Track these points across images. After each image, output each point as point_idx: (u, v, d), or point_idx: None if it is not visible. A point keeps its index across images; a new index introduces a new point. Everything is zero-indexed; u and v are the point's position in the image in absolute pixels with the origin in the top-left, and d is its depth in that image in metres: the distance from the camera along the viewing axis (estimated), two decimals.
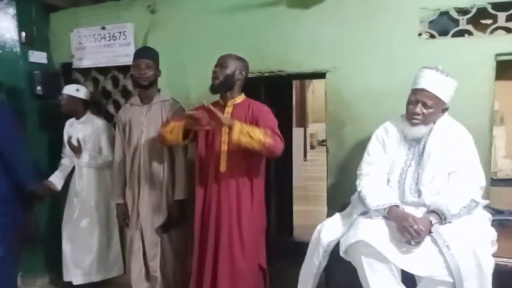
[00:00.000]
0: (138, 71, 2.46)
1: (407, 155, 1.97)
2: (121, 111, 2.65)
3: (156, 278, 2.52)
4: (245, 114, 2.25)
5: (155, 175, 2.51)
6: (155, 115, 2.52)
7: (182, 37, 2.89)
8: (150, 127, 2.50)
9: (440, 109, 1.89)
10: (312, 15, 2.59)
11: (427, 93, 1.86)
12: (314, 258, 1.92)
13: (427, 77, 1.88)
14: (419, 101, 1.88)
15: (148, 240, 2.50)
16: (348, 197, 2.24)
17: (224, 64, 2.23)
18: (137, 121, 2.53)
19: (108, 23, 3.05)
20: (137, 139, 2.51)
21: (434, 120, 1.91)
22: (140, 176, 2.51)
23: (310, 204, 5.51)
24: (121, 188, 2.61)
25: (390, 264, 1.69)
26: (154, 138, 2.48)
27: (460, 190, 1.82)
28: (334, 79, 2.58)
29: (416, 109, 1.88)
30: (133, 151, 2.52)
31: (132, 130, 2.54)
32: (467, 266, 1.60)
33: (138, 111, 2.55)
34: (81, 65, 3.17)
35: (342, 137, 2.59)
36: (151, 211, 2.50)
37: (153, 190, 2.51)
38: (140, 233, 2.51)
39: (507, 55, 2.26)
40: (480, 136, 2.27)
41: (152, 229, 2.50)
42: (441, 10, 2.36)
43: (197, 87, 2.89)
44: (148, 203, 2.50)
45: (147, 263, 2.53)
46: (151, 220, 2.50)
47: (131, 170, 2.54)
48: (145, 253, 2.52)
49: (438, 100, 1.86)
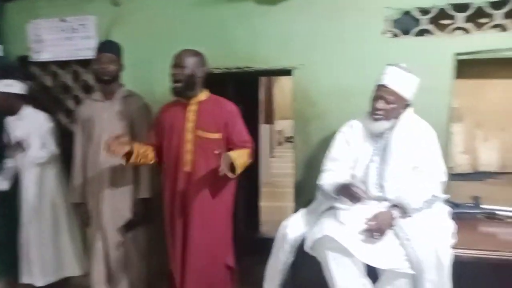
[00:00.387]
0: (100, 65, 2.38)
1: (371, 150, 2.01)
2: (80, 107, 2.55)
3: (119, 280, 2.46)
4: (213, 112, 2.22)
5: (118, 173, 2.43)
6: (118, 111, 2.44)
7: (148, 31, 2.82)
8: (113, 124, 2.42)
9: (401, 105, 1.94)
10: (280, 12, 2.60)
11: (388, 89, 1.91)
12: (280, 254, 1.93)
13: (389, 74, 1.93)
14: (381, 97, 1.93)
15: (110, 240, 2.43)
16: (314, 192, 2.26)
17: (182, 64, 2.16)
18: (99, 117, 2.44)
19: (68, 15, 2.93)
20: (99, 136, 2.42)
21: (397, 116, 1.96)
22: (102, 174, 2.42)
23: (277, 200, 5.54)
24: (81, 186, 2.51)
25: (354, 258, 1.72)
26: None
27: (421, 185, 1.88)
28: (301, 76, 2.60)
29: (378, 104, 1.93)
30: (95, 148, 2.43)
31: (93, 127, 2.44)
32: (427, 258, 1.66)
33: (100, 107, 2.46)
34: (39, 58, 3.03)
35: (309, 134, 2.62)
36: (114, 210, 2.43)
37: (116, 188, 2.43)
38: (101, 233, 2.44)
39: (465, 54, 2.36)
40: (440, 132, 2.34)
41: (114, 229, 2.43)
42: (404, 10, 2.43)
43: (162, 83, 2.80)
44: (111, 202, 2.42)
45: (109, 264, 2.46)
46: (113, 220, 2.43)
47: (93, 168, 2.45)
48: (107, 253, 2.45)
49: (399, 96, 1.91)
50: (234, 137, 2.23)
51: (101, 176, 2.43)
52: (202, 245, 2.20)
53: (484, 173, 2.59)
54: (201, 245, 2.20)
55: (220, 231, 2.28)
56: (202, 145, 2.19)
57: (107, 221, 2.42)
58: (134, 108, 2.46)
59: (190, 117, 2.21)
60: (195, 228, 2.19)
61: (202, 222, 2.20)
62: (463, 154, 2.58)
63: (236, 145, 2.22)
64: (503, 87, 2.54)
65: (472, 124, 2.59)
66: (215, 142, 2.21)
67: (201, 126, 2.20)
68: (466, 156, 2.59)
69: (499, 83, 2.54)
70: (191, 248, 2.19)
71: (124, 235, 2.45)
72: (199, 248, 2.19)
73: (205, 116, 2.21)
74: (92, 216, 2.49)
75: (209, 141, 2.19)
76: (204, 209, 2.21)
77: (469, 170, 2.60)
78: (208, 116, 2.21)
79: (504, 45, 2.30)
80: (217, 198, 2.24)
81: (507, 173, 2.57)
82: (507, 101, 2.54)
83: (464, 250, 1.76)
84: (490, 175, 2.59)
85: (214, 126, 2.21)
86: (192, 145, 2.20)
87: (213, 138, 2.21)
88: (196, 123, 2.20)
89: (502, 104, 2.55)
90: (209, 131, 2.20)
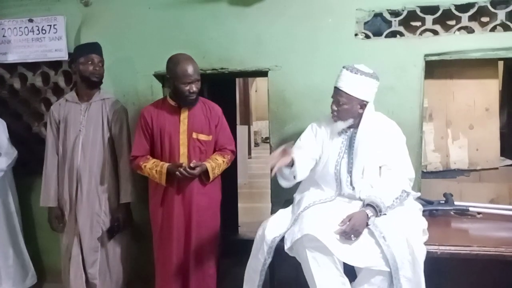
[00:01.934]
0: (93, 66, 2.36)
1: (340, 147, 2.05)
2: (54, 107, 2.47)
3: (95, 286, 2.40)
4: (204, 114, 2.28)
5: (95, 177, 2.38)
6: (95, 114, 2.40)
7: (119, 33, 2.76)
8: (89, 126, 2.38)
9: (356, 105, 1.96)
10: (254, 13, 2.60)
11: (340, 91, 1.96)
12: (259, 255, 1.92)
13: (341, 76, 1.98)
14: (334, 99, 1.99)
15: (87, 246, 2.37)
16: (292, 193, 2.27)
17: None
18: (74, 120, 2.39)
19: (36, 15, 2.84)
20: (75, 139, 2.37)
21: (354, 116, 1.98)
22: (78, 178, 2.36)
23: (254, 201, 5.55)
24: (54, 190, 2.43)
25: (333, 257, 1.74)
26: (94, 138, 2.37)
27: (391, 182, 1.92)
28: (276, 78, 2.61)
29: (332, 106, 2.00)
30: (70, 151, 2.37)
31: (68, 129, 2.39)
32: (401, 255, 1.69)
33: (76, 109, 2.41)
34: (6, 60, 2.93)
35: (285, 134, 2.63)
36: (90, 215, 2.37)
37: (92, 193, 2.38)
38: (78, 238, 2.37)
39: (434, 55, 2.42)
40: (412, 131, 2.41)
41: (91, 234, 2.37)
42: (375, 12, 2.48)
43: (136, 84, 2.78)
44: (87, 207, 2.37)
45: (84, 270, 2.39)
46: (90, 225, 2.37)
47: (69, 172, 2.38)
48: (83, 259, 2.38)
49: (351, 97, 1.94)
50: (221, 140, 2.32)
51: (78, 180, 2.36)
52: (203, 245, 2.26)
53: (455, 170, 2.66)
54: (202, 245, 2.26)
55: (212, 234, 2.33)
56: (197, 147, 2.24)
57: (83, 226, 2.36)
58: (112, 111, 2.43)
59: (184, 121, 2.23)
60: (194, 232, 2.24)
61: (201, 225, 2.25)
62: (435, 152, 2.65)
63: (220, 148, 2.32)
64: (470, 87, 2.62)
65: (442, 123, 2.66)
66: (208, 144, 2.28)
67: (195, 128, 2.24)
68: (437, 154, 2.66)
69: (466, 83, 2.62)
70: (191, 249, 2.23)
71: (103, 240, 2.39)
72: (200, 248, 2.25)
73: (197, 119, 2.26)
74: (66, 221, 2.42)
75: (203, 143, 2.26)
76: (202, 212, 2.26)
77: (440, 168, 2.67)
78: (200, 119, 2.26)
79: (470, 47, 2.38)
80: (211, 199, 2.31)
81: (476, 170, 2.65)
82: (474, 101, 2.62)
83: (437, 246, 1.81)
84: (460, 172, 2.66)
85: (207, 128, 2.27)
86: (186, 148, 2.21)
87: (207, 140, 2.27)
88: (189, 126, 2.23)
89: (470, 104, 2.63)
90: (203, 133, 2.25)
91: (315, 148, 2.08)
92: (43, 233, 3.04)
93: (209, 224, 2.30)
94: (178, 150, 2.22)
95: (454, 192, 2.41)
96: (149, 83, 2.77)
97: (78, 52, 2.41)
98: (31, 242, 2.98)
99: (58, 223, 2.45)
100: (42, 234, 3.06)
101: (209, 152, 2.30)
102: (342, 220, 1.80)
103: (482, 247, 1.79)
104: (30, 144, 3.04)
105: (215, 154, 2.30)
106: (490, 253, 1.78)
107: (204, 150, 2.26)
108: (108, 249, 2.43)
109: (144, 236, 2.69)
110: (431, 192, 2.54)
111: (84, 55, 2.36)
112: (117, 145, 2.43)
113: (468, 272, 2.22)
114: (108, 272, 2.43)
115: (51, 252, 3.01)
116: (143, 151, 2.26)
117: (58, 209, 2.44)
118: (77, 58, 2.39)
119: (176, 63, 2.15)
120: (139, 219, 2.62)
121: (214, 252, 2.35)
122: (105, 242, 2.41)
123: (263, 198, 4.96)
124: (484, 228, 2.11)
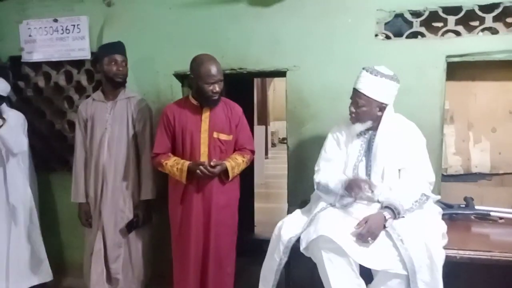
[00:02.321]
0: (116, 67, 2.41)
1: (359, 150, 2.03)
2: (81, 106, 2.54)
3: (118, 280, 2.45)
4: (225, 114, 2.29)
5: (120, 174, 2.44)
6: (120, 112, 2.46)
7: (140, 32, 2.81)
8: (115, 124, 2.44)
9: (375, 107, 1.95)
10: (272, 13, 2.60)
11: (359, 93, 1.95)
12: (275, 255, 1.93)
13: (360, 78, 1.96)
14: (353, 100, 1.98)
15: (110, 241, 2.42)
16: (308, 193, 2.27)
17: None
18: (101, 118, 2.45)
19: (60, 15, 2.91)
20: (101, 136, 2.43)
21: (372, 118, 1.97)
22: (104, 175, 2.43)
23: (271, 201, 5.55)
24: (83, 186, 2.51)
25: (349, 259, 1.73)
26: (119, 136, 2.43)
27: (411, 185, 1.89)
28: (295, 78, 2.61)
29: (351, 108, 1.99)
30: (96, 148, 2.44)
31: (95, 127, 2.46)
32: (419, 259, 1.67)
33: (102, 107, 2.47)
34: (31, 59, 3.01)
35: (302, 134, 2.62)
36: (114, 211, 2.43)
37: (117, 189, 2.43)
38: (101, 233, 2.42)
39: (456, 56, 2.38)
40: (432, 134, 2.37)
41: (115, 229, 2.42)
42: (396, 12, 2.45)
43: (155, 83, 2.82)
44: (112, 203, 2.42)
45: (108, 265, 2.44)
46: (114, 221, 2.43)
47: (95, 168, 2.45)
48: (106, 254, 2.43)
49: (369, 100, 1.93)
50: (240, 140, 2.33)
51: (103, 176, 2.43)
52: (221, 244, 2.27)
53: (476, 174, 2.60)
54: (220, 244, 2.27)
55: (232, 232, 2.35)
56: (217, 147, 2.26)
57: (107, 222, 2.42)
58: (136, 110, 2.48)
59: (205, 120, 2.25)
60: (213, 230, 2.25)
61: (219, 224, 2.26)
62: (455, 155, 2.60)
63: (240, 148, 2.33)
64: (493, 89, 2.56)
65: (464, 125, 2.61)
66: (229, 144, 2.30)
67: (216, 128, 2.26)
68: (458, 157, 2.60)
69: (489, 85, 2.56)
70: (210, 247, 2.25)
71: (125, 236, 2.44)
72: (218, 247, 2.26)
73: (218, 119, 2.27)
74: (92, 217, 2.48)
75: (223, 143, 2.27)
76: (221, 210, 2.27)
77: (461, 171, 2.61)
78: (221, 119, 2.28)
79: (494, 48, 2.33)
80: (230, 197, 2.32)
81: (498, 174, 2.59)
82: (497, 103, 2.56)
83: (457, 250, 1.78)
84: (482, 176, 2.60)
85: (228, 128, 2.28)
86: (207, 147, 2.23)
87: (227, 140, 2.28)
88: (211, 125, 2.25)
89: (492, 106, 2.57)
90: (224, 132, 2.27)
91: (342, 158, 2.06)
92: (64, 228, 3.13)
93: (228, 223, 2.31)
94: (199, 149, 2.24)
95: (475, 196, 2.36)
96: (169, 83, 2.80)
97: (102, 52, 2.47)
98: (51, 237, 3.04)
99: (87, 219, 2.51)
100: (63, 229, 3.14)
101: (229, 152, 2.31)
102: (358, 223, 1.78)
103: (504, 253, 1.75)
104: (52, 141, 3.11)
105: (235, 154, 2.31)
106: (511, 259, 1.73)
107: (224, 149, 2.28)
108: (131, 245, 2.48)
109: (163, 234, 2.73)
110: (451, 195, 2.49)
111: (108, 55, 2.41)
112: (140, 142, 2.48)
113: (487, 278, 2.17)
114: (130, 267, 2.48)
115: (71, 247, 3.08)
116: (164, 148, 2.29)
117: (87, 205, 2.51)
118: (101, 58, 2.44)
119: (200, 63, 2.17)
120: (159, 217, 2.66)
121: (232, 251, 2.36)
122: (129, 238, 2.46)
123: (279, 198, 4.96)
124: (506, 233, 2.06)
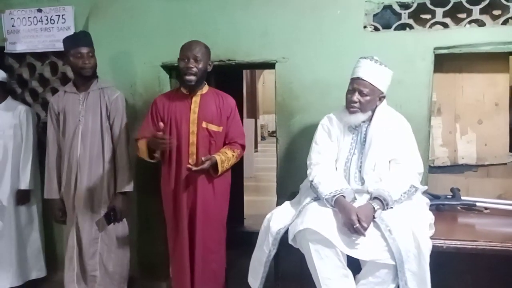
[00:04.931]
0: (82, 60, 2.31)
1: (350, 143, 2.03)
2: (53, 99, 2.47)
3: (95, 277, 2.39)
4: (216, 105, 2.26)
5: (95, 167, 2.37)
6: (93, 103, 2.39)
7: (127, 23, 2.76)
8: (88, 116, 2.37)
9: (376, 97, 1.96)
10: (262, 4, 2.58)
11: (363, 82, 1.93)
12: (264, 247, 1.93)
13: (362, 66, 1.95)
14: (355, 89, 1.95)
15: (86, 237, 2.36)
16: (297, 186, 2.27)
17: (199, 58, 2.15)
18: (73, 110, 2.38)
19: (44, 5, 2.84)
20: (74, 129, 2.36)
21: (372, 108, 1.98)
22: (78, 168, 2.36)
23: (260, 194, 5.57)
24: (57, 182, 2.44)
25: (336, 250, 1.74)
26: (93, 127, 2.37)
27: (400, 176, 1.91)
28: (284, 69, 2.60)
29: (353, 97, 1.95)
30: (70, 141, 2.37)
31: (67, 120, 2.38)
32: (407, 249, 1.68)
33: (74, 99, 2.40)
34: (15, 49, 2.93)
35: (291, 127, 2.62)
36: (90, 205, 2.37)
37: (92, 183, 2.37)
38: (75, 230, 2.37)
39: (444, 48, 2.39)
40: (420, 125, 2.39)
41: (90, 225, 2.37)
42: (384, 4, 2.45)
43: (143, 74, 2.78)
44: (86, 197, 2.36)
45: (83, 261, 2.38)
46: (89, 216, 2.37)
47: (68, 163, 2.38)
48: (82, 251, 2.37)
49: (374, 88, 1.93)
50: (231, 133, 2.29)
51: (77, 170, 2.36)
52: (206, 238, 2.25)
53: (463, 165, 2.64)
54: (205, 238, 2.24)
55: (220, 226, 2.33)
56: (206, 137, 2.22)
57: (82, 217, 2.36)
58: (110, 100, 2.41)
59: (194, 109, 2.21)
60: (199, 225, 2.23)
61: (207, 215, 2.24)
62: (442, 147, 2.63)
63: (230, 142, 2.30)
64: (480, 81, 2.58)
65: (451, 117, 2.63)
66: (218, 136, 2.26)
67: (206, 118, 2.22)
68: (445, 149, 2.63)
69: (476, 77, 2.58)
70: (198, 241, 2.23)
71: (102, 231, 2.39)
72: (203, 241, 2.24)
73: (208, 108, 2.24)
74: (67, 213, 2.42)
75: (213, 134, 2.24)
76: (208, 202, 2.25)
77: (448, 162, 2.64)
78: (211, 109, 2.24)
79: (481, 40, 2.35)
80: (217, 193, 2.29)
81: (484, 166, 2.63)
82: (484, 95, 2.59)
83: (443, 240, 1.80)
84: (468, 167, 2.64)
85: (218, 119, 2.25)
86: (195, 137, 2.21)
87: (217, 131, 2.25)
88: (200, 115, 2.22)
89: (479, 98, 2.60)
90: (213, 123, 2.24)
91: (333, 149, 2.06)
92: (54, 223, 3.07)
93: (215, 218, 2.29)
94: (187, 139, 2.21)
95: (461, 187, 2.39)
96: (156, 74, 2.77)
97: (66, 44, 2.36)
98: (46, 232, 2.98)
99: (61, 215, 2.45)
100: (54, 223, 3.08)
101: (219, 145, 2.27)
102: None
103: (489, 242, 1.78)
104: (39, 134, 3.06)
105: (224, 148, 2.27)
106: (496, 248, 1.76)
107: (213, 141, 2.24)
108: (108, 240, 2.41)
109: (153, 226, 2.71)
110: (438, 186, 2.53)
111: (73, 48, 2.31)
112: (114, 133, 2.42)
113: (473, 267, 2.21)
114: (109, 263, 2.42)
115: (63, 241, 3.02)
116: (147, 134, 2.24)
117: (61, 201, 2.44)
118: (67, 50, 2.35)
119: (184, 44, 2.17)
120: (143, 211, 2.63)
121: (220, 246, 2.35)
122: (105, 233, 2.40)
123: (268, 191, 4.97)
124: (491, 223, 2.09)
